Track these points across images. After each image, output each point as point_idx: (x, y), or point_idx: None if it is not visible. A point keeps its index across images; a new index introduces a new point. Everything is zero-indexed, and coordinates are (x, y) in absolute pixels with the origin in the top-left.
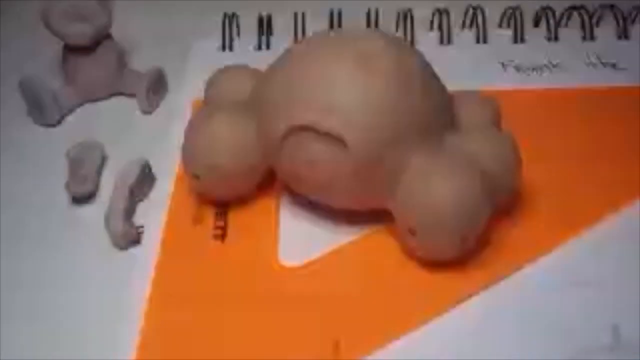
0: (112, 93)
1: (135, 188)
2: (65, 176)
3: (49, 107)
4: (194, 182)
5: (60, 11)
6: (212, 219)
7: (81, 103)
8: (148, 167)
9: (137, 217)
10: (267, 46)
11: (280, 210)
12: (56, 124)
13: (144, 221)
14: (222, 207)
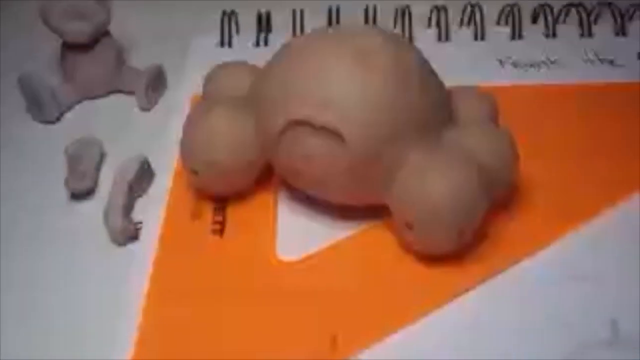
0: (111, 90)
1: (134, 184)
2: (64, 173)
3: (48, 104)
4: (192, 178)
5: (59, 9)
6: (211, 214)
7: (80, 100)
8: (147, 164)
9: (136, 213)
10: (266, 43)
11: (278, 205)
12: (55, 121)
13: (143, 217)
14: (221, 202)
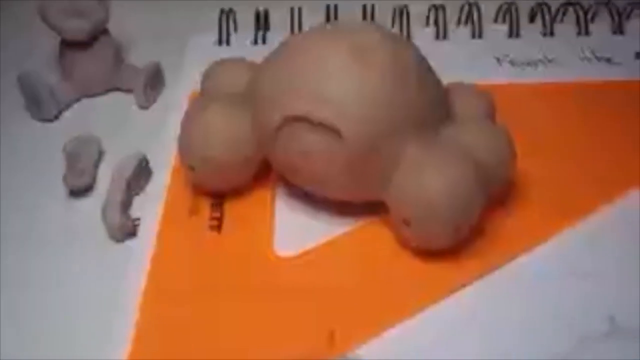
0: (109, 88)
1: (132, 181)
2: (62, 170)
3: (47, 102)
4: (190, 174)
5: (57, 6)
6: (208, 210)
7: (78, 98)
8: (145, 161)
9: (134, 210)
10: (264, 41)
11: (275, 201)
12: (53, 119)
13: (141, 214)
14: (218, 198)
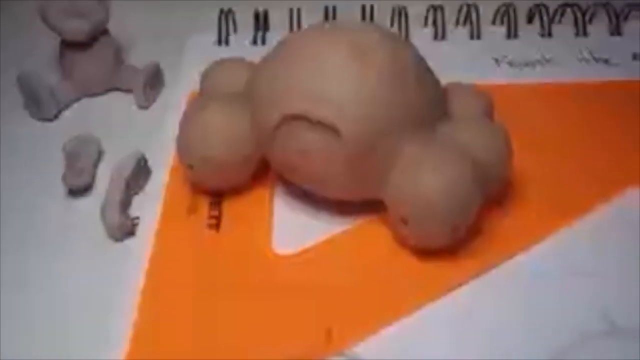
0: (109, 88)
1: (131, 181)
2: (61, 170)
3: (47, 102)
4: (189, 172)
5: (57, 7)
6: (207, 209)
7: (78, 98)
8: (144, 160)
9: (133, 210)
10: (263, 41)
11: (274, 199)
12: (53, 119)
13: (140, 213)
14: (217, 197)
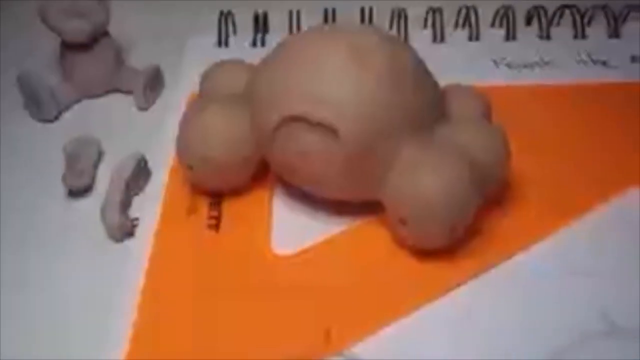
0: (109, 90)
1: (131, 181)
2: (62, 170)
3: (47, 103)
4: (188, 173)
5: (58, 8)
6: (207, 209)
7: (78, 100)
8: (144, 161)
9: (133, 211)
10: (263, 43)
11: (273, 200)
12: (53, 120)
13: (140, 214)
14: (216, 198)
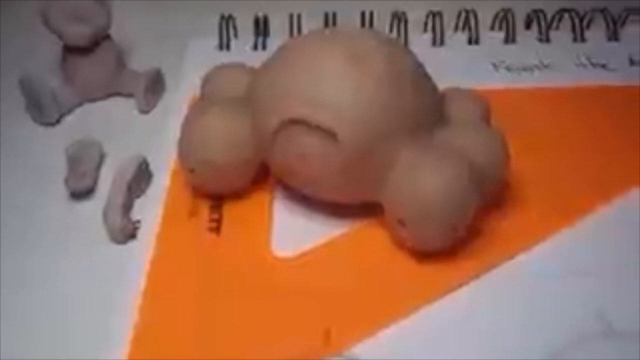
0: (111, 93)
1: (132, 184)
2: (63, 173)
3: (48, 107)
4: (190, 176)
5: (59, 11)
6: (207, 212)
7: (80, 102)
8: (145, 164)
9: (134, 213)
10: (264, 47)
11: (273, 203)
12: (55, 123)
13: (141, 216)
14: (217, 201)
